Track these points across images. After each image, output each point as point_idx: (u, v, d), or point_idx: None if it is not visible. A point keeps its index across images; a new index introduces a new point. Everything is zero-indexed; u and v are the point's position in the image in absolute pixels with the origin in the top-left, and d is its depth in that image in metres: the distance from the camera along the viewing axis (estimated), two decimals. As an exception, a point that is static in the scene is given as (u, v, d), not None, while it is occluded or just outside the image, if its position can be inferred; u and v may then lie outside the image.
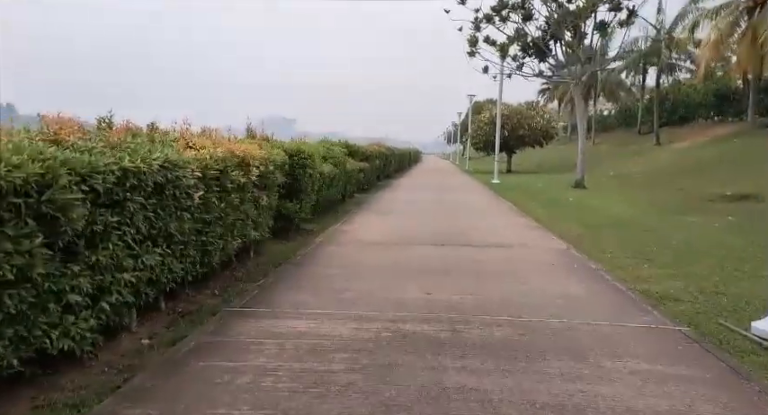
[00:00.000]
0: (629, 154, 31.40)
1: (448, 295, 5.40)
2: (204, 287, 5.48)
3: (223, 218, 5.36)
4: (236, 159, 5.52)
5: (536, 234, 9.58)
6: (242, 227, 6.00)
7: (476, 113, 46.85)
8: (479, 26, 19.73)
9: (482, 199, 16.74)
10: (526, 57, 20.27)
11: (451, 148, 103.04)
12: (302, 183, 8.49)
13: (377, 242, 8.40)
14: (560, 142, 50.09)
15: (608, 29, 19.26)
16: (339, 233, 9.24)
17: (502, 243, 8.54)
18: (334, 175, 11.29)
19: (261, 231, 6.84)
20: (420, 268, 6.62)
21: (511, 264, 6.97)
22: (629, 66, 34.54)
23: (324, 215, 11.41)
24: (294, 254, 7.40)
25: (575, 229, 10.19)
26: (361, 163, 17.43)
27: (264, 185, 6.69)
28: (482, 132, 37.42)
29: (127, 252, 3.65)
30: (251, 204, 6.22)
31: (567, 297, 5.39)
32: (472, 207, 14.21)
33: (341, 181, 12.61)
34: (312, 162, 8.74)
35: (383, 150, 23.63)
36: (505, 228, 10.31)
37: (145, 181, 3.66)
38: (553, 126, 36.60)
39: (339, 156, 11.82)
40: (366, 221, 10.94)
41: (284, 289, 5.51)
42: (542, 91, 60.41)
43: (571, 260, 7.41)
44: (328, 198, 11.30)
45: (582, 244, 8.50)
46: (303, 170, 8.43)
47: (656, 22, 30.05)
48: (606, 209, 13.62)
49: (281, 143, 8.53)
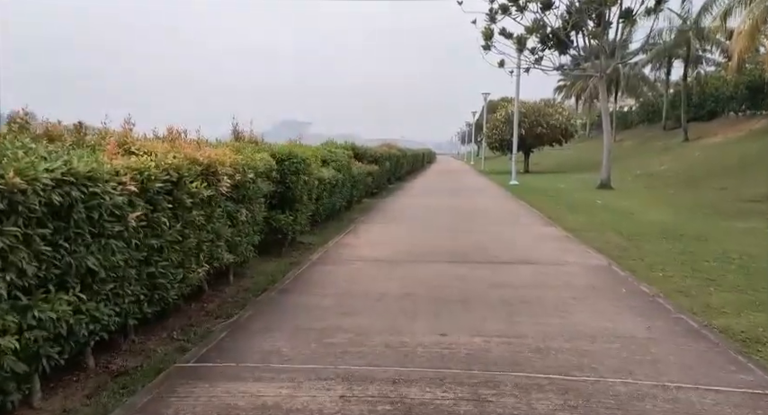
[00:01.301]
0: (655, 151, 29.78)
1: (468, 336, 4.19)
2: (160, 328, 4.35)
3: (182, 242, 4.23)
4: (197, 167, 4.38)
5: (568, 247, 8.30)
6: (212, 250, 4.87)
7: (490, 112, 45.46)
8: (495, 17, 18.42)
9: (501, 204, 15.44)
10: (545, 49, 18.91)
11: (466, 148, 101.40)
12: (295, 191, 7.35)
13: (382, 260, 7.21)
14: (579, 140, 48.40)
15: (634, 17, 17.82)
16: (340, 248, 8.07)
17: (529, 259, 7.28)
18: (336, 181, 10.14)
19: (241, 251, 5.71)
20: (432, 295, 5.41)
21: (543, 288, 5.72)
22: (654, 59, 32.84)
23: (326, 225, 10.27)
24: (283, 277, 6.25)
25: (612, 239, 8.89)
26: (370, 166, 16.28)
27: (243, 197, 5.55)
28: (498, 131, 36.02)
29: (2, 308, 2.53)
30: (224, 221, 5.08)
31: (624, 339, 4.14)
32: (491, 214, 12.94)
33: (345, 186, 11.45)
34: (307, 167, 7.60)
35: (394, 152, 22.46)
36: (531, 239, 9.03)
37: (26, 202, 2.52)
38: (573, 123, 35.04)
39: (342, 160, 10.66)
40: (372, 232, 9.76)
41: (259, 331, 4.34)
42: (559, 88, 58.70)
43: (616, 281, 6.13)
44: (331, 206, 10.15)
45: (625, 259, 7.22)
46: (296, 176, 7.29)
47: (682, 12, 28.41)
48: (642, 214, 12.24)
49: (271, 146, 7.40)
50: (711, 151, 24.25)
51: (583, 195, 17.23)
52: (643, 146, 32.47)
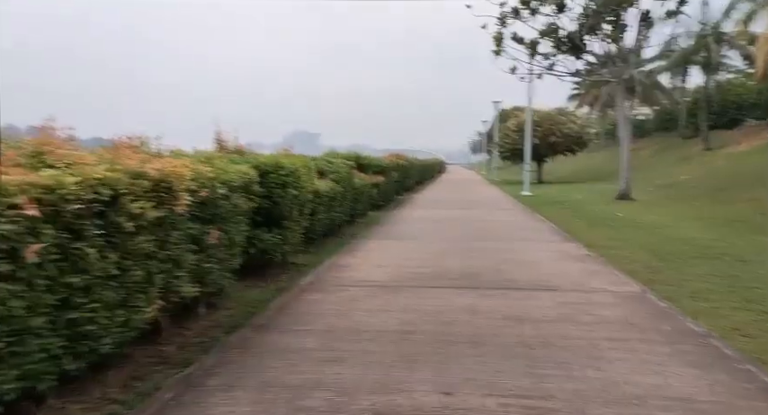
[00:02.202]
0: (675, 160, 28.65)
1: (479, 395, 3.31)
2: (94, 385, 3.50)
3: (121, 276, 3.39)
4: (143, 182, 3.55)
5: (592, 268, 7.35)
6: (168, 282, 4.02)
7: (501, 121, 44.61)
8: (505, 21, 17.60)
9: (514, 217, 14.47)
10: (559, 53, 18.01)
11: (477, 158, 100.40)
12: (283, 207, 6.51)
13: (381, 285, 6.32)
14: (592, 149, 47.24)
15: (652, 20, 16.90)
16: (335, 270, 7.20)
17: (549, 284, 6.35)
18: (334, 194, 9.30)
19: (213, 279, 4.86)
20: (437, 334, 4.52)
21: (570, 325, 4.79)
22: (671, 66, 31.75)
23: (324, 242, 9.41)
24: (265, 308, 5.39)
25: (641, 259, 7.93)
26: (375, 178, 15.43)
27: (213, 216, 4.72)
28: (509, 140, 35.12)
29: None
30: (185, 246, 4.24)
31: (682, 403, 3.22)
32: (504, 228, 12.00)
33: (346, 199, 10.61)
34: (297, 179, 6.76)
35: (402, 162, 21.61)
36: (550, 259, 8.09)
37: None
38: (587, 132, 33.98)
39: (341, 171, 9.82)
40: (374, 250, 8.88)
41: (217, 388, 3.47)
42: (572, 96, 57.59)
43: (655, 314, 5.19)
44: (329, 221, 9.30)
45: (660, 285, 6.26)
46: (284, 190, 6.45)
47: (700, 17, 27.40)
48: (670, 228, 11.23)
49: (256, 156, 6.58)
50: (736, 160, 23.10)
51: (601, 207, 16.22)
52: (661, 155, 31.32)
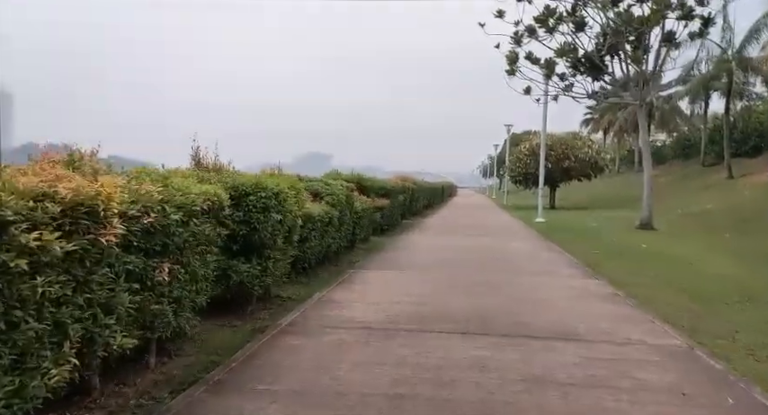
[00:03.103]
0: (696, 188, 27.47)
1: None
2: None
3: (8, 332, 2.51)
4: (48, 206, 2.70)
5: (622, 312, 6.34)
6: (91, 334, 3.13)
7: (513, 145, 43.83)
8: (520, 40, 16.88)
9: (528, 246, 13.45)
10: (577, 74, 17.21)
11: (488, 182, 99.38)
12: (264, 234, 5.63)
13: (374, 327, 5.37)
14: (606, 176, 46.14)
15: (678, 41, 16.10)
16: (325, 307, 6.27)
17: (573, 332, 5.35)
18: (330, 218, 8.42)
19: (167, 323, 3.97)
20: (435, 401, 3.56)
21: (604, 392, 3.80)
22: (691, 91, 30.83)
23: (317, 270, 8.50)
24: (229, 356, 4.47)
25: (677, 301, 6.91)
26: (380, 201, 14.58)
27: (165, 246, 3.84)
28: (521, 164, 34.18)
29: None
30: (121, 285, 3.36)
31: None
32: (517, 259, 10.99)
33: (345, 224, 9.73)
34: (282, 202, 5.90)
35: (409, 184, 20.75)
36: (571, 298, 7.09)
37: None
38: (603, 157, 32.98)
39: (339, 193, 8.95)
40: (372, 281, 7.95)
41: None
42: (586, 121, 56.89)
43: (711, 379, 4.18)
44: (323, 248, 8.41)
45: (708, 337, 5.25)
46: (265, 214, 5.59)
47: (723, 41, 26.59)
48: (702, 264, 10.17)
49: (234, 175, 5.74)
50: (762, 190, 21.92)
51: (622, 236, 15.16)
52: (681, 183, 30.15)
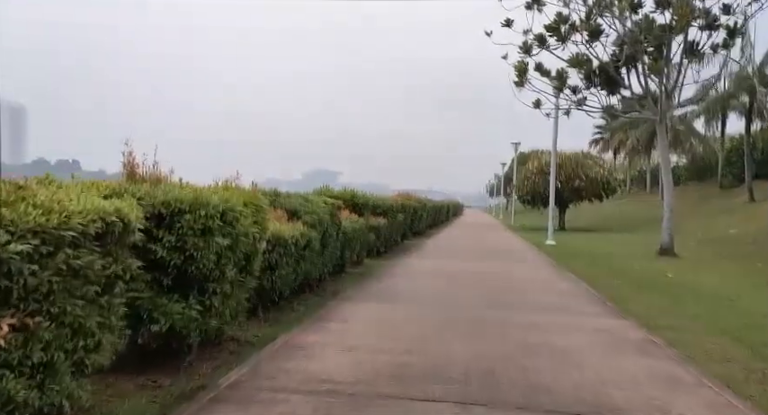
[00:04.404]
0: (715, 212, 26.03)
1: None
2: None
3: None
4: None
5: (667, 372, 4.93)
6: None
7: (520, 164, 42.63)
8: (530, 50, 15.73)
9: (540, 274, 12.04)
10: (591, 87, 15.99)
11: (494, 201, 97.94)
12: (203, 264, 4.33)
13: (342, 392, 4.02)
14: (618, 196, 44.72)
15: (702, 51, 14.88)
16: (286, 356, 4.92)
17: (613, 407, 3.97)
18: (309, 241, 7.12)
19: (20, 401, 2.65)
20: None
21: None
22: (708, 109, 29.55)
23: (293, 302, 7.18)
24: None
25: (731, 352, 5.51)
26: (376, 219, 13.30)
27: (8, 291, 2.55)
28: (529, 183, 32.87)
29: None
30: None
31: None
32: (527, 290, 9.59)
33: (329, 246, 8.43)
34: (231, 223, 4.62)
35: (411, 203, 19.49)
36: (597, 346, 5.70)
37: None
38: (615, 177, 31.58)
39: (319, 212, 7.65)
40: (353, 318, 6.60)
41: None
42: (595, 141, 55.57)
43: None
44: (299, 276, 7.08)
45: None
46: (205, 238, 4.30)
47: (742, 58, 25.35)
48: (746, 300, 8.74)
49: (167, 190, 4.44)
50: (790, 214, 20.47)
51: (643, 264, 13.72)
52: (699, 206, 28.67)
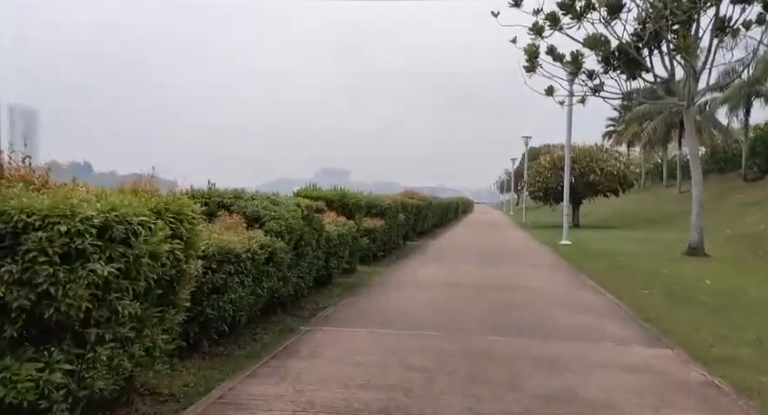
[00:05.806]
0: (740, 205, 24.30)
1: None
2: None
3: None
4: None
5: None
6: None
7: (531, 159, 41.02)
8: (541, 31, 14.21)
9: (557, 283, 10.53)
10: (609, 70, 14.45)
11: (504, 197, 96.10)
12: (65, 304, 2.95)
13: None
14: (634, 191, 42.92)
15: (735, 27, 13.29)
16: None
17: None
18: (272, 253, 5.72)
19: None
20: None
21: None
22: (731, 97, 27.76)
23: (257, 328, 5.82)
24: None
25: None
26: (370, 221, 11.92)
27: None
28: (541, 178, 31.29)
29: None
30: None
31: None
32: (542, 306, 8.10)
33: (306, 256, 7.04)
34: (119, 243, 3.24)
35: (414, 201, 18.06)
36: (643, 395, 4.25)
37: None
38: (633, 170, 29.90)
39: (288, 216, 6.22)
40: (326, 353, 5.19)
41: None
42: (608, 133, 53.71)
43: None
44: (262, 297, 5.70)
45: None
46: (70, 266, 2.92)
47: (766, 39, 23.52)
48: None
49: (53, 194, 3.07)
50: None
51: (671, 267, 12.19)
52: (722, 200, 26.92)
